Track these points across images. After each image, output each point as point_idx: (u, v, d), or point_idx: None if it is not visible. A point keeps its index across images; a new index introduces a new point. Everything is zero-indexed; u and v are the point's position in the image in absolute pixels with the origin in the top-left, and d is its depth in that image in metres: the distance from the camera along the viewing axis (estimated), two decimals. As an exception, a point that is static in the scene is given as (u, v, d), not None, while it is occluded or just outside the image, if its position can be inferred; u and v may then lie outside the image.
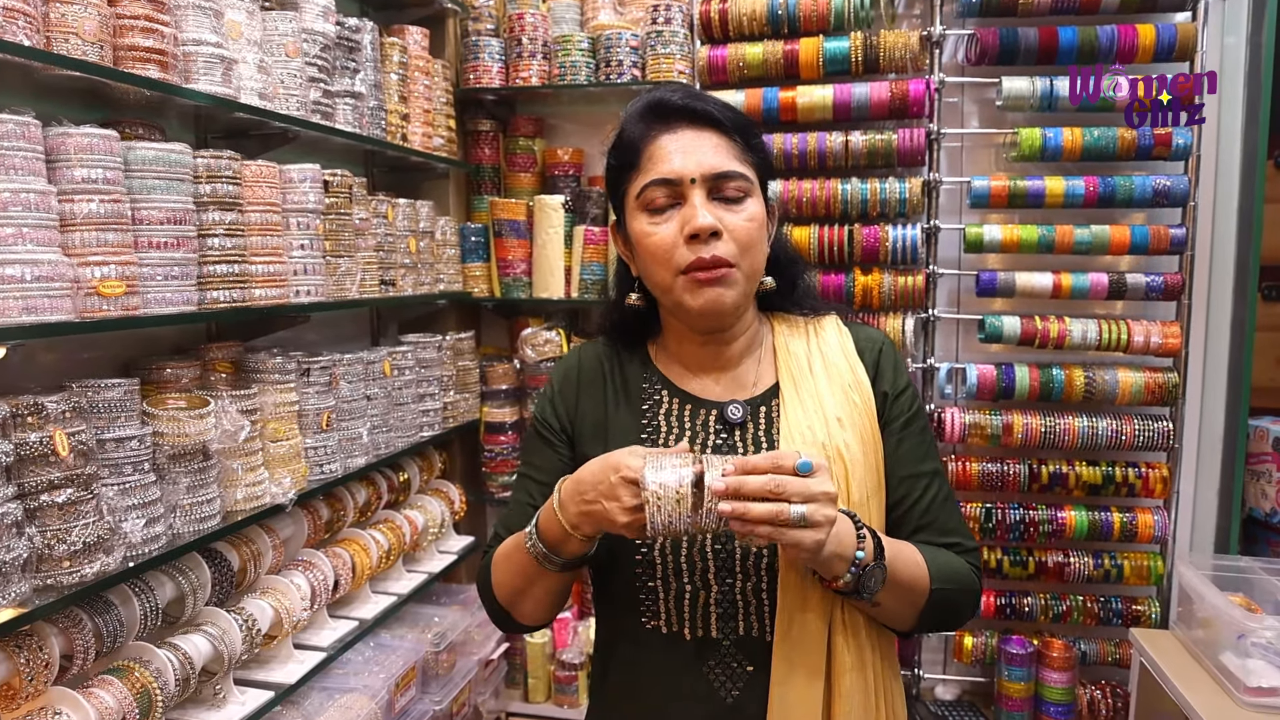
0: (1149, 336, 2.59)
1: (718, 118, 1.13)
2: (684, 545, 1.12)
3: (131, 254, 1.59)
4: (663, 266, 1.12)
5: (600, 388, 1.24)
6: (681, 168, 1.10)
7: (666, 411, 1.20)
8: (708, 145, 1.11)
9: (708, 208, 1.09)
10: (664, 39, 2.76)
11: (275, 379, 2.02)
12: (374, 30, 2.41)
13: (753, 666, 1.11)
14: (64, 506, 1.46)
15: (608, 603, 1.22)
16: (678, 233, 1.10)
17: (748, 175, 1.12)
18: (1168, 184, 2.56)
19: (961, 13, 2.66)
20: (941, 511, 1.18)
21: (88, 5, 1.53)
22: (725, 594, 1.11)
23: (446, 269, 2.83)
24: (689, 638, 1.13)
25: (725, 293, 1.10)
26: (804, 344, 1.22)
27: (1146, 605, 2.68)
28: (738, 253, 1.10)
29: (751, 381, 1.20)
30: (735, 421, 1.16)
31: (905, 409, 1.20)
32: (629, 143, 1.15)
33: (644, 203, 1.13)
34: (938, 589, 1.11)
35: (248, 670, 2.01)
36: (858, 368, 1.20)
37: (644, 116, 1.15)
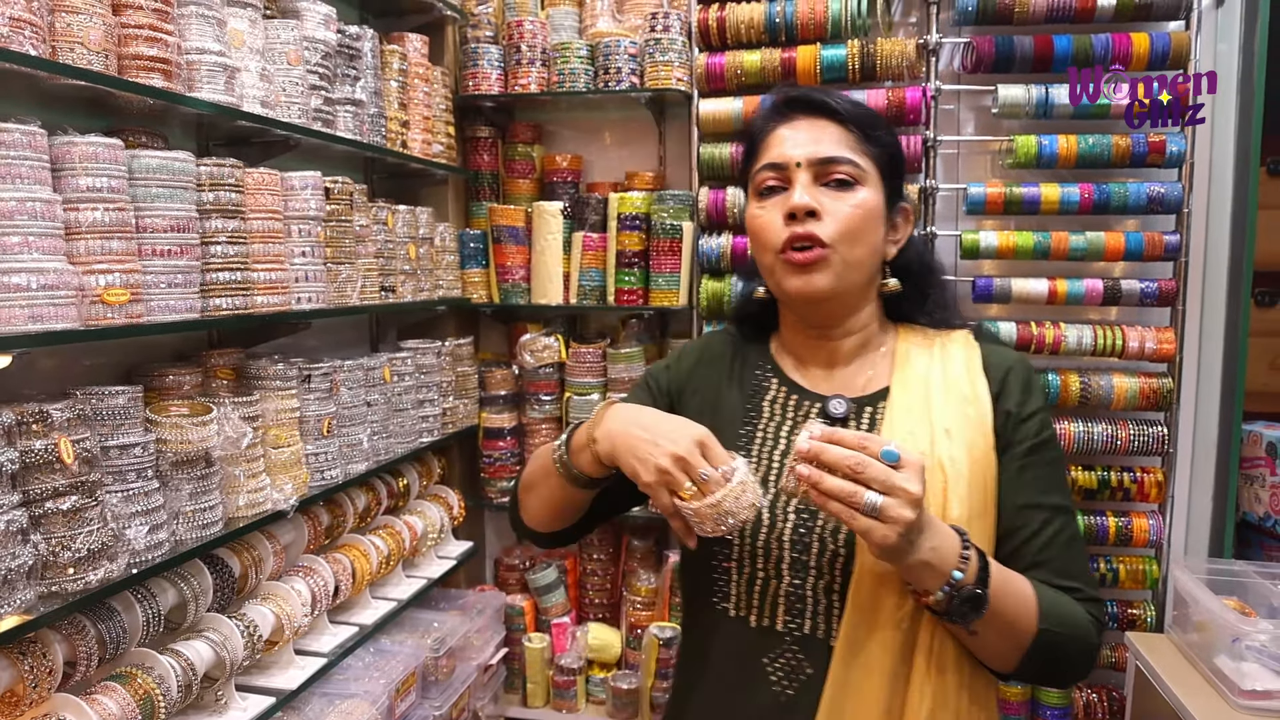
0: (1144, 342, 2.61)
1: (834, 108, 1.14)
2: (763, 530, 1.12)
3: (135, 262, 1.59)
4: (764, 248, 1.14)
5: (718, 368, 1.28)
6: (790, 152, 1.13)
7: (772, 398, 1.21)
8: (820, 133, 1.14)
9: (809, 190, 1.11)
10: (662, 46, 2.77)
11: (276, 386, 2.02)
12: (374, 38, 2.43)
13: (813, 669, 1.09)
14: (68, 514, 1.47)
15: (688, 577, 1.23)
16: (780, 213, 1.12)
17: (858, 163, 1.12)
18: (1162, 191, 2.58)
19: (957, 21, 2.67)
20: (1062, 552, 1.10)
21: (93, 15, 1.54)
22: (796, 587, 1.10)
23: (446, 275, 2.84)
24: (754, 625, 1.12)
25: (817, 277, 1.10)
26: (926, 354, 1.19)
27: (1142, 609, 2.70)
28: (836, 235, 1.09)
29: (862, 381, 1.20)
30: (837, 416, 1.16)
31: (1031, 434, 1.13)
32: (751, 135, 1.21)
33: (756, 188, 1.17)
34: (1046, 631, 1.03)
35: (249, 676, 2.02)
36: (979, 382, 1.15)
37: (768, 110, 1.20)
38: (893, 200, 1.18)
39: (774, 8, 2.71)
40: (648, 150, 3.07)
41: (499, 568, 3.21)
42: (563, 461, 1.14)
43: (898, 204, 1.19)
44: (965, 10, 2.62)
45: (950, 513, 1.07)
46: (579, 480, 1.14)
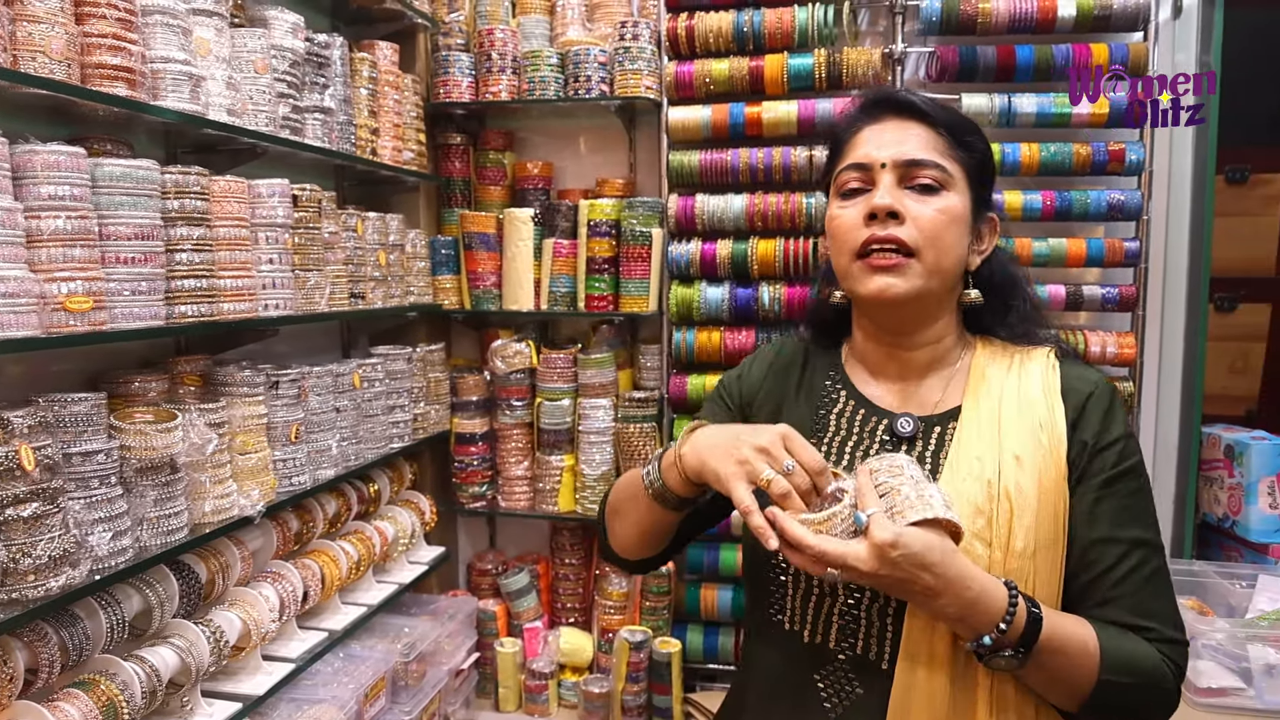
0: (1105, 346, 2.66)
1: (923, 109, 1.12)
2: None
3: (98, 269, 1.60)
4: (843, 249, 1.11)
5: (788, 376, 1.26)
6: (875, 153, 1.10)
7: (839, 412, 1.19)
8: (907, 135, 1.11)
9: (893, 192, 1.08)
10: (632, 54, 2.80)
11: (244, 392, 2.03)
12: (344, 46, 2.44)
13: (863, 690, 1.07)
14: (29, 521, 1.47)
15: (751, 587, 1.23)
16: (860, 214, 1.09)
17: (945, 167, 1.09)
18: (1122, 198, 2.63)
19: (923, 31, 2.72)
20: (1141, 588, 1.04)
21: (55, 24, 1.54)
22: (850, 607, 1.08)
23: (417, 281, 2.86)
24: (806, 640, 1.11)
25: (896, 282, 1.06)
26: (1003, 371, 1.14)
27: (1105, 609, 2.74)
28: (919, 240, 1.06)
29: (935, 399, 1.15)
30: (904, 435, 1.13)
31: (1110, 465, 1.07)
32: (838, 135, 1.18)
33: (839, 188, 1.14)
34: (1108, 680, 0.99)
35: (216, 682, 2.02)
36: (1056, 408, 1.09)
37: (856, 110, 1.17)
38: (979, 209, 1.15)
39: (742, 17, 2.75)
40: (618, 157, 3.10)
41: (471, 572, 3.22)
42: (652, 483, 1.12)
43: (985, 213, 1.17)
44: (930, 20, 2.67)
45: (1015, 544, 1.03)
46: (669, 501, 1.12)
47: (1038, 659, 0.97)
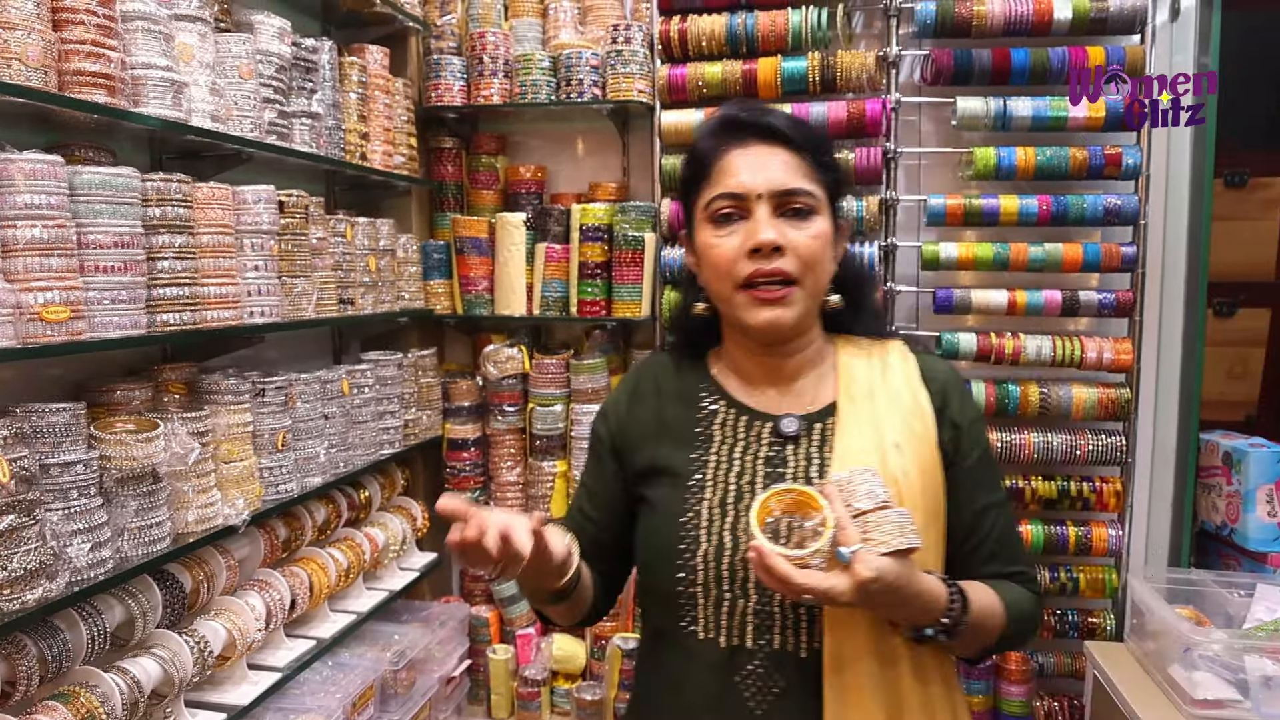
0: (1101, 352, 2.63)
1: (788, 134, 1.14)
2: (727, 552, 1.13)
3: (77, 279, 1.59)
4: (724, 279, 1.14)
5: (656, 397, 1.27)
6: (750, 183, 1.12)
7: (722, 421, 1.21)
8: (776, 161, 1.13)
9: (772, 223, 1.11)
10: (624, 58, 2.78)
11: (229, 400, 2.01)
12: (332, 50, 2.42)
13: (784, 683, 1.11)
14: (5, 533, 1.46)
15: (652, 604, 1.24)
16: (741, 245, 1.12)
17: (815, 193, 1.14)
18: (1118, 203, 2.61)
19: (917, 33, 2.69)
20: (1010, 541, 1.21)
21: (31, 31, 1.53)
22: (763, 605, 1.11)
23: (408, 286, 2.84)
24: (723, 645, 1.13)
25: (785, 312, 1.12)
26: (866, 365, 1.22)
27: (1102, 618, 2.71)
28: (800, 269, 1.12)
29: (810, 397, 1.21)
30: (788, 435, 1.18)
31: (977, 442, 1.20)
32: (700, 155, 1.19)
33: (711, 214, 1.15)
34: (1010, 630, 1.15)
35: (200, 692, 2.00)
36: (920, 395, 1.19)
37: (716, 131, 1.18)
38: (836, 220, 1.19)
39: (735, 20, 2.72)
40: (611, 161, 3.08)
41: (464, 578, 3.20)
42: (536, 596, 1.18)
43: (838, 222, 1.21)
44: (925, 23, 2.64)
45: None
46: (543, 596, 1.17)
47: (965, 633, 1.08)
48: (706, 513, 1.15)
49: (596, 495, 1.29)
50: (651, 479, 1.22)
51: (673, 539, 1.15)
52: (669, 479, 1.20)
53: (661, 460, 1.21)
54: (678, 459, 1.20)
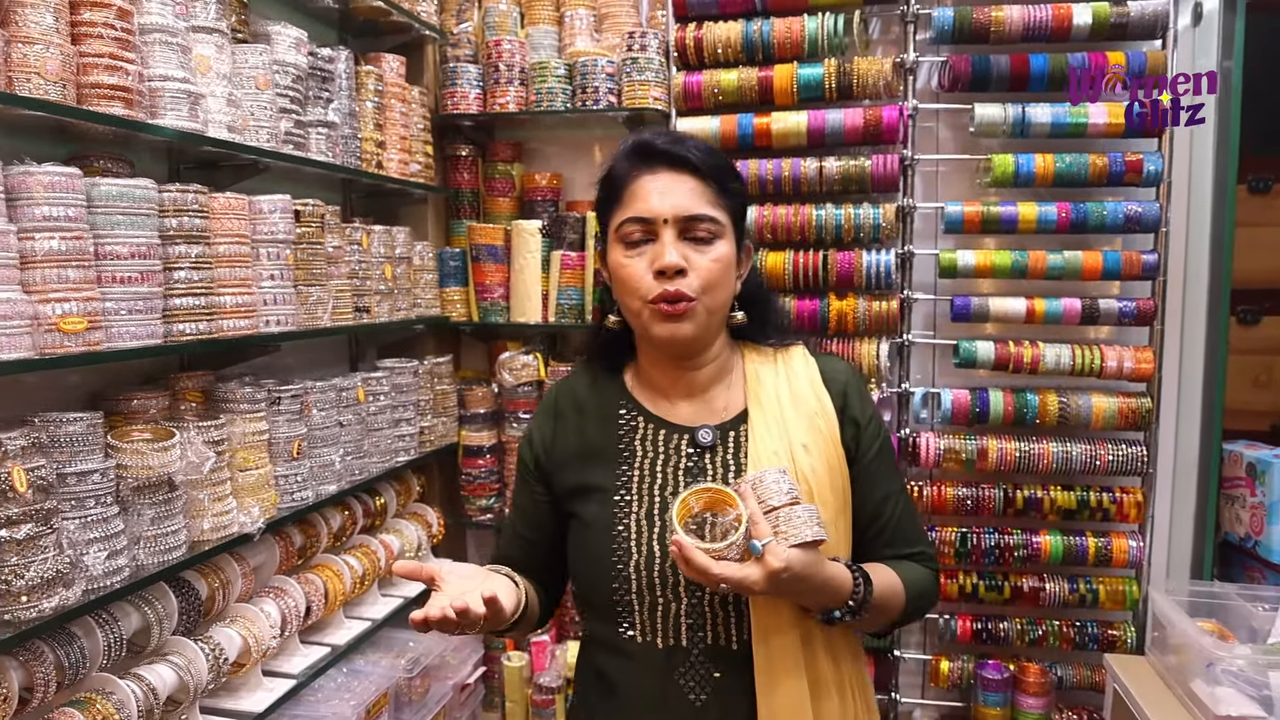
0: (1122, 361, 2.60)
1: (695, 163, 1.22)
2: (657, 560, 1.21)
3: (94, 290, 1.60)
4: (633, 295, 1.22)
5: (577, 417, 1.34)
6: (657, 208, 1.20)
7: (641, 436, 1.29)
8: (683, 188, 1.21)
9: (676, 246, 1.20)
10: (639, 65, 2.78)
11: (245, 408, 2.03)
12: (348, 59, 2.44)
13: (720, 673, 1.20)
14: (22, 542, 1.47)
15: (589, 612, 1.31)
16: (648, 266, 1.20)
17: (718, 219, 1.22)
18: (1139, 210, 2.57)
19: (935, 39, 2.68)
20: (908, 524, 1.32)
21: (50, 45, 1.55)
22: (694, 606, 1.20)
23: (424, 294, 2.85)
24: (660, 646, 1.22)
25: (684, 326, 1.21)
26: (772, 372, 1.31)
27: (1122, 630, 2.68)
28: (700, 289, 1.20)
29: (722, 406, 1.30)
30: (705, 445, 1.26)
31: (875, 436, 1.31)
32: (614, 179, 1.27)
33: (621, 236, 1.24)
34: (910, 605, 1.27)
35: (216, 699, 2.02)
36: (823, 396, 1.29)
37: (630, 156, 1.26)
38: (739, 241, 1.28)
39: (751, 27, 2.72)
40: (628, 168, 3.07)
41: (480, 585, 3.20)
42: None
43: (743, 243, 1.30)
44: (942, 29, 2.63)
45: None
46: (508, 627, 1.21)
47: (870, 613, 1.19)
48: (634, 525, 1.23)
49: (528, 515, 1.37)
50: (579, 497, 1.30)
51: (605, 552, 1.23)
52: (597, 495, 1.27)
53: (588, 479, 1.29)
54: (603, 476, 1.28)
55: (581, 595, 1.31)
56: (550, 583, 1.39)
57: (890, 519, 1.30)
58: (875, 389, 2.73)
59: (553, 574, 1.39)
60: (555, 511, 1.34)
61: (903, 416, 2.81)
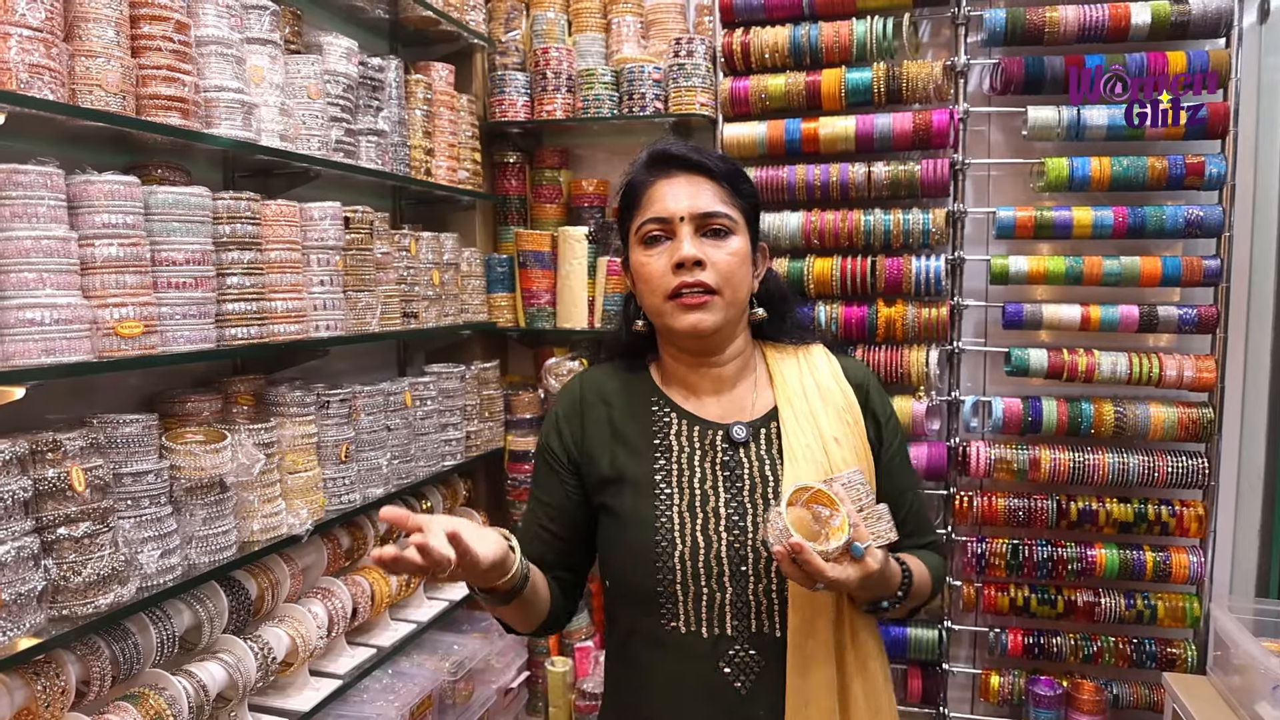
0: (1182, 370, 2.52)
1: (709, 166, 1.28)
2: (701, 551, 1.24)
3: (150, 295, 1.64)
4: (654, 292, 1.26)
5: (605, 408, 1.35)
6: (673, 207, 1.26)
7: (676, 432, 1.31)
8: (698, 189, 1.27)
9: (693, 241, 1.25)
10: (686, 71, 2.78)
11: (294, 412, 2.06)
12: (398, 68, 2.47)
13: (765, 661, 1.23)
14: (80, 540, 1.52)
15: (627, 605, 1.31)
16: (667, 262, 1.25)
17: (732, 215, 1.27)
18: (1200, 214, 2.50)
19: (986, 42, 2.63)
20: (922, 517, 1.40)
21: (111, 58, 1.59)
22: (739, 595, 1.23)
23: (471, 300, 2.88)
24: (706, 635, 1.24)
25: (706, 317, 1.24)
26: (796, 369, 1.35)
27: (1182, 648, 2.59)
28: (719, 280, 1.24)
29: (750, 403, 1.33)
30: (739, 441, 1.29)
31: (895, 431, 1.37)
32: (633, 188, 1.32)
33: (641, 237, 1.28)
34: (933, 591, 1.36)
35: (264, 697, 2.05)
36: (849, 392, 1.34)
37: (647, 165, 1.32)
38: (754, 242, 1.33)
39: (799, 31, 2.70)
40: (674, 174, 3.07)
41: (525, 589, 3.22)
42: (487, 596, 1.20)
43: (758, 244, 1.35)
44: (994, 31, 2.58)
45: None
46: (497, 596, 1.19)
47: (907, 601, 1.26)
48: (677, 517, 1.25)
49: (552, 508, 1.36)
50: (614, 487, 1.30)
51: (648, 544, 1.24)
52: (632, 486, 1.29)
53: (623, 469, 1.30)
54: (639, 468, 1.29)
55: (617, 588, 1.31)
56: (570, 583, 1.39)
57: (910, 512, 1.35)
58: (925, 397, 2.68)
59: (574, 574, 1.39)
60: (585, 504, 1.34)
61: (952, 425, 2.75)
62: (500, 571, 1.14)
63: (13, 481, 1.41)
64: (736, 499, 1.25)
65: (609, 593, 1.34)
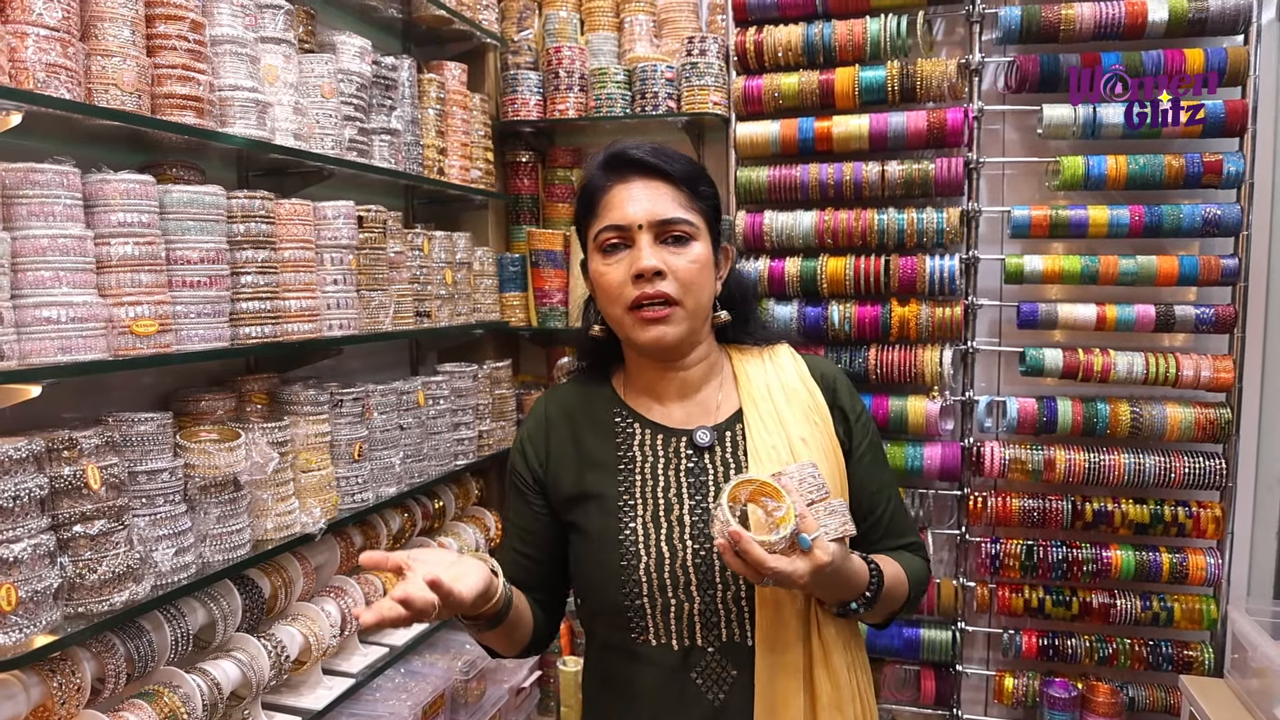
0: (1199, 370, 2.50)
1: (667, 170, 1.24)
2: (666, 562, 1.21)
3: (165, 293, 1.65)
4: (614, 302, 1.22)
5: (570, 426, 1.33)
6: (631, 215, 1.21)
7: (640, 442, 1.29)
8: (656, 194, 1.22)
9: (653, 250, 1.20)
10: (699, 70, 2.77)
11: (308, 410, 2.07)
12: (411, 68, 2.48)
13: (737, 670, 1.21)
14: (95, 538, 1.52)
15: (598, 621, 1.29)
16: (627, 272, 1.20)
17: (692, 221, 1.23)
18: (1218, 213, 2.48)
19: (1001, 40, 2.62)
20: (900, 517, 1.35)
21: (127, 58, 1.60)
22: (707, 604, 1.21)
23: (484, 299, 2.88)
24: (677, 648, 1.22)
25: (669, 330, 1.21)
26: (761, 370, 1.32)
27: (1199, 651, 2.57)
28: (680, 290, 1.20)
29: (715, 407, 1.30)
30: (704, 446, 1.26)
31: (866, 429, 1.33)
32: (590, 192, 1.28)
33: (599, 245, 1.24)
34: (913, 595, 1.30)
35: (278, 695, 2.06)
36: (815, 392, 1.30)
37: (603, 169, 1.27)
38: (716, 243, 1.29)
39: (812, 29, 2.69)
40: (686, 173, 3.07)
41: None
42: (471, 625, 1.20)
43: (720, 245, 1.31)
44: (1009, 29, 2.57)
45: None
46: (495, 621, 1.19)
47: (879, 604, 1.21)
48: (640, 529, 1.23)
49: (525, 531, 1.34)
50: (580, 505, 1.28)
51: (613, 559, 1.22)
52: (597, 503, 1.26)
53: (587, 487, 1.28)
54: (603, 484, 1.27)
55: (589, 605, 1.29)
56: (549, 604, 1.37)
57: (885, 512, 1.31)
58: (939, 397, 2.67)
59: (552, 594, 1.37)
60: (555, 524, 1.32)
61: (967, 425, 2.74)
62: (484, 599, 1.13)
63: (29, 479, 1.42)
64: (701, 505, 1.22)
65: (581, 609, 1.32)
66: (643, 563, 1.21)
